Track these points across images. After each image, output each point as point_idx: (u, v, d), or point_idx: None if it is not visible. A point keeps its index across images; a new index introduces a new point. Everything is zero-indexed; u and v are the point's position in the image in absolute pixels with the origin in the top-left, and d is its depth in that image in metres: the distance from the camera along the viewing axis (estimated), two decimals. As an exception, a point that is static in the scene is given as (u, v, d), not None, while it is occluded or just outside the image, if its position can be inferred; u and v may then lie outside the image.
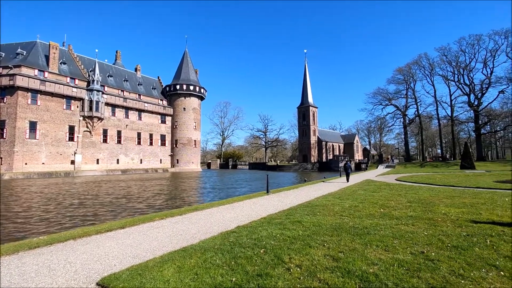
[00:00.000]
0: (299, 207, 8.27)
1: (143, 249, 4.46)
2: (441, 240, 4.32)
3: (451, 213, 6.43)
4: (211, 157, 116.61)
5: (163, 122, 62.00)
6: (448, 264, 3.34)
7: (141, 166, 55.31)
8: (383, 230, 5.07)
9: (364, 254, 3.76)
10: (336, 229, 5.20)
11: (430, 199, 8.86)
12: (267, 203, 9.50)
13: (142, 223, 6.46)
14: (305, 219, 6.25)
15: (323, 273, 3.17)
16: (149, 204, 14.37)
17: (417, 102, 62.10)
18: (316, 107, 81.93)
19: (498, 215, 6.02)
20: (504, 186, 12.24)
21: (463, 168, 35.21)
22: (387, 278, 2.98)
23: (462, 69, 55.24)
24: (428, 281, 2.91)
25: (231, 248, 4.18)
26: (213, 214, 7.51)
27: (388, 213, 6.66)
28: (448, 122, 60.18)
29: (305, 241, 4.45)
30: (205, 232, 5.53)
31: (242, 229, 5.56)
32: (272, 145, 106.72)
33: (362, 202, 8.64)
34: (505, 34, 50.41)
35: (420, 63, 60.19)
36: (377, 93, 67.07)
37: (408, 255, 3.71)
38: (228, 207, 8.82)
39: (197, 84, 65.26)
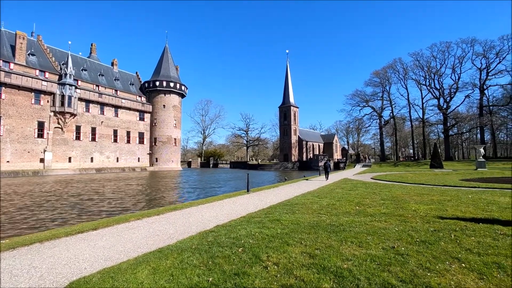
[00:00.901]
0: (279, 205, 8.36)
1: (117, 251, 4.29)
2: (410, 235, 4.55)
3: (420, 209, 6.80)
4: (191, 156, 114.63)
5: (142, 119, 60.03)
6: (416, 258, 3.52)
7: (117, 165, 53.19)
8: (358, 227, 5.25)
9: (339, 251, 3.87)
10: (313, 227, 5.31)
11: (402, 196, 9.32)
12: (247, 202, 9.50)
13: (116, 224, 6.21)
14: (284, 217, 6.32)
15: (299, 270, 3.23)
16: (124, 204, 13.86)
17: (392, 104, 65.01)
18: (297, 107, 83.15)
19: (462, 211, 6.46)
20: (468, 184, 13.14)
21: (432, 167, 37.37)
22: (359, 273, 3.09)
23: (433, 74, 58.59)
24: (398, 274, 3.06)
25: (209, 248, 4.13)
26: (192, 214, 7.39)
27: (363, 211, 6.91)
28: (419, 124, 63.58)
29: (283, 239, 4.50)
30: (183, 232, 5.43)
31: (221, 228, 5.52)
32: (254, 144, 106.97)
33: (339, 200, 8.91)
34: (471, 42, 54.10)
35: (395, 67, 63.04)
36: (355, 94, 69.37)
37: (380, 250, 3.87)
38: (207, 206, 8.72)
39: (177, 81, 63.82)
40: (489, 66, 53.77)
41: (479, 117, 54.31)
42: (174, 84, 62.37)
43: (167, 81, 61.31)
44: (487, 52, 53.14)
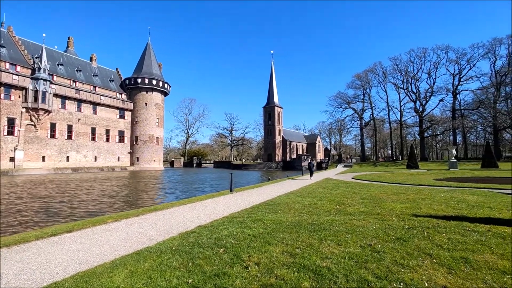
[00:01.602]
0: (262, 205, 8.39)
1: (92, 254, 4.12)
2: (386, 233, 4.73)
3: (397, 208, 7.09)
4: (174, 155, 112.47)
5: (122, 117, 58.10)
6: (391, 255, 3.67)
7: (95, 164, 51.17)
8: (338, 225, 5.38)
9: (319, 249, 3.95)
10: (295, 226, 5.38)
11: (380, 195, 9.66)
12: (230, 202, 9.47)
13: (92, 226, 5.97)
14: (266, 217, 6.36)
15: (280, 269, 3.26)
16: (102, 206, 13.36)
17: (372, 106, 67.30)
18: (281, 108, 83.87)
19: (434, 210, 6.80)
20: (441, 184, 13.85)
21: (409, 167, 39.06)
22: (338, 271, 3.17)
23: (410, 78, 61.29)
24: (374, 271, 3.17)
25: (190, 249, 4.08)
26: (173, 214, 7.25)
27: (343, 210, 7.10)
28: (397, 126, 66.28)
29: (265, 239, 4.52)
30: (163, 233, 5.31)
31: (202, 229, 5.46)
32: (238, 144, 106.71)
33: (320, 199, 9.09)
34: (445, 49, 57.12)
35: (375, 70, 65.30)
36: (337, 96, 71.09)
37: (358, 248, 4.00)
38: (190, 206, 8.59)
39: (160, 79, 62.37)
40: (461, 72, 57.02)
41: (451, 120, 57.43)
42: (157, 82, 60.90)
43: (150, 79, 59.74)
44: (460, 59, 56.38)
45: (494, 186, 11.94)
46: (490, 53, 54.84)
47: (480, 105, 55.13)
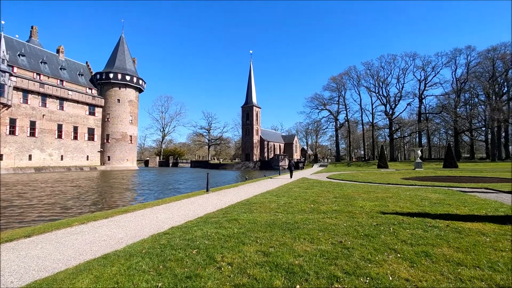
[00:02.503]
0: (238, 205, 8.37)
1: (54, 259, 3.85)
2: (356, 230, 4.94)
3: (367, 206, 7.42)
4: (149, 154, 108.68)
5: (92, 113, 55.03)
6: (360, 251, 3.83)
7: (62, 164, 47.97)
8: (311, 224, 5.52)
9: (293, 248, 4.02)
10: (270, 225, 5.43)
11: (352, 194, 10.06)
12: (206, 202, 9.33)
13: (56, 230, 5.58)
14: (242, 216, 6.35)
15: (253, 268, 3.27)
16: (67, 209, 12.56)
17: (347, 108, 69.99)
18: (259, 108, 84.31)
19: (400, 207, 7.21)
20: (407, 182, 14.74)
21: (379, 167, 41.15)
22: (309, 268, 3.25)
23: (381, 83, 64.60)
24: (343, 267, 3.28)
25: (161, 251, 3.95)
26: (146, 216, 6.99)
27: (317, 208, 7.29)
28: (370, 127, 69.60)
29: (239, 239, 4.51)
30: (133, 235, 5.10)
31: (176, 230, 5.32)
32: (216, 143, 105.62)
33: (296, 198, 9.26)
34: (413, 56, 60.93)
35: (350, 74, 67.98)
36: (314, 98, 72.95)
37: (329, 245, 4.12)
38: (163, 207, 8.34)
39: (134, 74, 59.91)
40: (426, 79, 61.24)
41: (418, 123, 61.44)
42: (131, 78, 58.44)
43: (123, 74, 57.16)
44: (425, 66, 60.49)
45: (453, 185, 12.93)
46: (451, 62, 59.55)
47: (442, 110, 59.55)
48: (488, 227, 4.96)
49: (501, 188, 10.97)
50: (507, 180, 15.61)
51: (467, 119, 57.04)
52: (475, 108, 58.43)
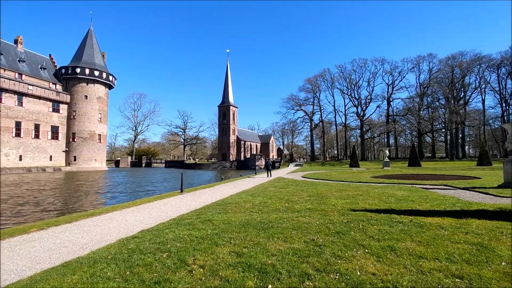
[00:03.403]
0: (212, 205, 8.25)
1: (5, 270, 3.49)
2: (328, 227, 5.08)
3: (338, 204, 7.69)
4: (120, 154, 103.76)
5: (56, 110, 51.26)
6: (331, 248, 3.93)
7: (21, 164, 44.11)
8: (285, 223, 5.58)
9: (266, 247, 4.03)
10: (244, 225, 5.40)
11: (325, 193, 10.37)
12: (180, 203, 9.08)
13: (9, 237, 5.08)
14: (216, 217, 6.26)
15: (225, 270, 3.22)
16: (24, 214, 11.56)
17: (321, 109, 72.27)
18: (236, 107, 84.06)
19: (369, 204, 7.56)
20: (376, 180, 15.53)
21: (351, 166, 42.95)
22: (282, 267, 3.27)
23: (353, 85, 67.58)
24: (315, 264, 3.35)
25: (129, 256, 3.75)
26: (114, 219, 6.63)
27: (291, 207, 7.40)
28: (343, 128, 72.39)
29: (212, 240, 4.43)
30: (99, 240, 4.80)
31: (146, 233, 5.10)
32: (192, 143, 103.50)
33: (271, 198, 9.33)
34: (382, 61, 64.43)
35: (324, 76, 70.25)
36: (290, 98, 74.34)
37: (302, 243, 4.19)
38: (134, 210, 7.97)
39: (104, 70, 56.77)
40: (394, 83, 65.10)
41: (386, 124, 65.08)
42: (100, 73, 55.28)
43: (91, 69, 53.90)
44: (393, 71, 64.28)
45: (417, 182, 13.85)
46: (415, 68, 63.88)
47: (408, 112, 63.72)
48: (446, 221, 5.36)
49: (458, 185, 11.95)
50: (464, 177, 17.05)
51: (429, 121, 61.56)
52: (436, 111, 63.21)
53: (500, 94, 60.45)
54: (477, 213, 5.96)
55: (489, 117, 63.83)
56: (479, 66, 58.60)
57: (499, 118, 61.49)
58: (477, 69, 59.11)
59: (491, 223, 5.11)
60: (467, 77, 60.47)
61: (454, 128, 59.45)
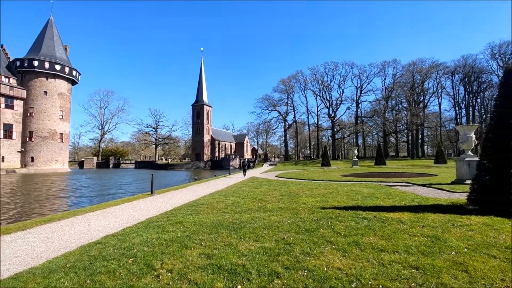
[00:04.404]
0: (184, 207, 8.05)
1: None
2: (298, 225, 5.20)
3: (309, 202, 7.91)
4: (85, 155, 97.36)
5: (10, 107, 46.67)
6: (300, 246, 4.03)
7: (-36, 167, 39.39)
8: (257, 222, 5.61)
9: (237, 248, 4.02)
10: (216, 226, 5.34)
11: (297, 192, 10.61)
12: (149, 205, 8.74)
13: None
14: (187, 219, 6.12)
15: (194, 273, 3.15)
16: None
17: (295, 110, 74.03)
18: (210, 106, 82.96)
19: (338, 202, 7.88)
20: (345, 179, 16.23)
21: (323, 165, 44.44)
22: (252, 267, 3.28)
23: (325, 87, 70.13)
24: (284, 263, 3.41)
25: (90, 264, 3.52)
26: (76, 224, 6.19)
27: (263, 207, 7.47)
28: (315, 128, 74.71)
29: (182, 243, 4.32)
30: (57, 248, 4.45)
31: (110, 238, 4.82)
32: (164, 143, 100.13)
33: (244, 198, 9.33)
34: (351, 65, 67.64)
35: (298, 78, 72.01)
36: (264, 99, 75.13)
37: (273, 242, 4.24)
38: (98, 213, 7.51)
39: (66, 64, 52.79)
40: (362, 86, 68.66)
41: (355, 125, 68.40)
42: (62, 67, 51.30)
43: (52, 62, 49.81)
44: (361, 75, 67.78)
45: (382, 180, 14.72)
46: (381, 72, 68.00)
47: (374, 114, 67.66)
48: (406, 215, 5.75)
49: (417, 182, 12.92)
50: (422, 175, 18.48)
51: (393, 123, 65.88)
52: (399, 113, 67.86)
53: (454, 99, 66.68)
54: (433, 208, 6.48)
55: (445, 119, 69.87)
56: (436, 72, 64.14)
57: (453, 120, 67.60)
58: (435, 75, 64.71)
59: (444, 216, 5.58)
60: (426, 82, 65.79)
61: (414, 129, 64.32)
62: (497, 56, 58.45)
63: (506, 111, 5.81)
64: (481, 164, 6.13)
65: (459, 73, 63.57)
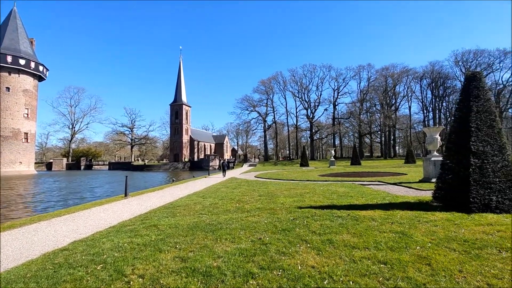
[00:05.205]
0: (160, 209, 7.82)
1: None
2: (275, 225, 5.25)
3: (287, 202, 8.02)
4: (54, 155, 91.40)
5: (-36, 104, 42.57)
6: (276, 245, 4.07)
7: None
8: (235, 223, 5.59)
9: (213, 249, 3.97)
10: (192, 228, 5.25)
11: (275, 192, 10.71)
12: (123, 208, 8.39)
13: None
14: (163, 222, 5.95)
15: (167, 277, 3.07)
16: None
17: (274, 111, 74.69)
18: (189, 106, 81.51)
19: (314, 201, 8.06)
20: (323, 179, 16.65)
21: (301, 165, 45.29)
22: (227, 268, 3.26)
23: (304, 89, 71.53)
24: (260, 263, 3.42)
25: (54, 272, 3.31)
26: (40, 231, 5.79)
27: (241, 207, 7.45)
28: (294, 129, 75.97)
29: (156, 246, 4.19)
30: (18, 257, 4.13)
31: (78, 244, 4.57)
32: (141, 143, 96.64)
33: (222, 199, 9.26)
34: (328, 68, 69.63)
35: (277, 79, 72.79)
36: (244, 99, 75.05)
37: (249, 243, 4.25)
38: (66, 218, 7.08)
39: (32, 58, 49.29)
40: (339, 88, 70.96)
41: (332, 126, 70.50)
42: (27, 62, 47.84)
43: (15, 56, 46.29)
44: (338, 77, 70.03)
45: (356, 179, 15.29)
46: (357, 76, 70.76)
47: (350, 116, 70.22)
48: (377, 213, 6.02)
49: (388, 181, 13.57)
50: (394, 174, 19.45)
51: (368, 124, 68.82)
52: (373, 115, 70.97)
53: (422, 102, 70.99)
54: (402, 205, 6.85)
55: (414, 122, 74.11)
56: (406, 77, 67.96)
57: (421, 123, 71.89)
58: (405, 79, 68.52)
59: (411, 213, 5.91)
60: (397, 86, 69.43)
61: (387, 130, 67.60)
62: (460, 63, 63.09)
63: (466, 115, 6.28)
64: (444, 164, 6.57)
65: (427, 78, 67.90)
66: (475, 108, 6.15)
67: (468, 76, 6.67)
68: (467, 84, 6.57)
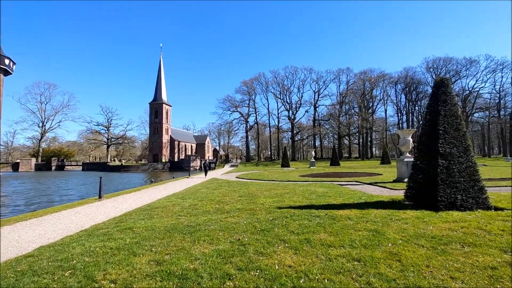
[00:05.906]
0: (136, 211, 7.56)
1: None
2: (254, 226, 5.26)
3: (267, 202, 8.06)
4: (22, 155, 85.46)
5: None
6: (254, 246, 4.07)
7: None
8: (213, 224, 5.53)
9: (190, 251, 3.90)
10: (169, 231, 5.12)
11: (255, 192, 10.73)
12: (96, 211, 8.01)
13: None
14: (138, 224, 5.75)
15: (141, 282, 2.97)
16: None
17: (256, 111, 74.89)
18: (170, 105, 79.71)
19: (294, 201, 8.18)
20: (303, 179, 16.94)
21: (282, 166, 45.76)
22: (204, 270, 3.22)
23: (285, 91, 72.47)
24: (237, 264, 3.41)
25: (16, 281, 3.09)
26: (2, 236, 5.37)
27: (221, 208, 7.39)
28: (275, 130, 76.68)
29: (130, 250, 4.04)
30: (-25, 265, 3.80)
31: (45, 249, 4.30)
32: (117, 143, 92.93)
33: (202, 200, 9.13)
34: (309, 70, 71.09)
35: (260, 80, 73.10)
36: (226, 99, 74.61)
37: (228, 244, 4.22)
38: (33, 222, 6.64)
39: (-4, 51, 45.65)
40: (319, 90, 72.63)
41: (313, 127, 71.95)
42: (-10, 55, 44.25)
43: (-24, 48, 42.57)
44: (319, 80, 71.70)
45: (335, 180, 15.71)
46: (336, 79, 72.87)
47: (330, 118, 72.08)
48: (353, 212, 6.21)
49: (365, 181, 14.08)
50: (370, 174, 20.21)
51: (346, 126, 71.02)
52: (352, 117, 73.32)
53: (396, 106, 74.59)
54: (376, 204, 7.13)
55: (390, 124, 77.65)
56: (383, 81, 71.05)
57: (396, 125, 75.44)
58: (382, 84, 71.59)
59: (385, 211, 6.17)
60: (374, 90, 72.35)
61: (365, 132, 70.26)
62: (431, 70, 67.06)
63: (434, 118, 6.67)
64: (415, 165, 6.93)
65: (401, 83, 71.46)
66: (443, 112, 6.55)
67: (437, 82, 7.09)
68: (436, 89, 6.97)
